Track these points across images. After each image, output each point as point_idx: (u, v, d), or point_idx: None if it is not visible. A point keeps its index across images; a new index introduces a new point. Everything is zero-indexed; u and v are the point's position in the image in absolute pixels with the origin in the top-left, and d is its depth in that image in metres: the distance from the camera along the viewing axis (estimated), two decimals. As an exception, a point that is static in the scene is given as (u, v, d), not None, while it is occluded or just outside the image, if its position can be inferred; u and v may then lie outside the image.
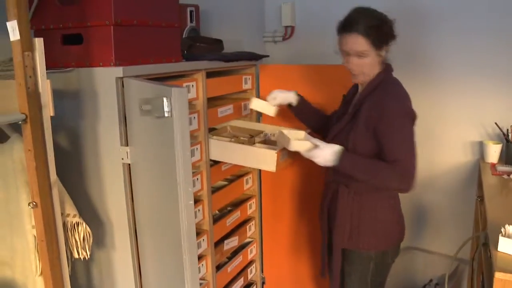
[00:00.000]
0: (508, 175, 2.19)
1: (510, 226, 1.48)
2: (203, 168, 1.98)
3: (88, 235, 1.46)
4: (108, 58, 1.46)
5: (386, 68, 1.85)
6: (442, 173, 2.67)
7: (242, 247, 2.45)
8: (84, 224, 1.44)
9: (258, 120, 2.41)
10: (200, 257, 2.04)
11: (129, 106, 1.46)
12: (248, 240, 2.51)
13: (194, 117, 1.88)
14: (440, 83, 2.57)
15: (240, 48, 2.39)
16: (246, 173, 2.38)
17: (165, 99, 1.26)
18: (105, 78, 1.46)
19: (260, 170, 2.46)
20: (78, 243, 1.44)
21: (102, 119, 1.49)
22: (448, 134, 2.60)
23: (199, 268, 2.02)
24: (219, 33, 2.40)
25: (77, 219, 1.43)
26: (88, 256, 1.47)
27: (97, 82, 1.47)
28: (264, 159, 1.90)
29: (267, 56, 2.31)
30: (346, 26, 1.79)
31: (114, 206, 1.56)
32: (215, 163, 2.09)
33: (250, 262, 2.56)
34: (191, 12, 2.25)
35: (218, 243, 2.19)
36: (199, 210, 1.99)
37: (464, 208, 2.62)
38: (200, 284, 2.07)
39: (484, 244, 1.74)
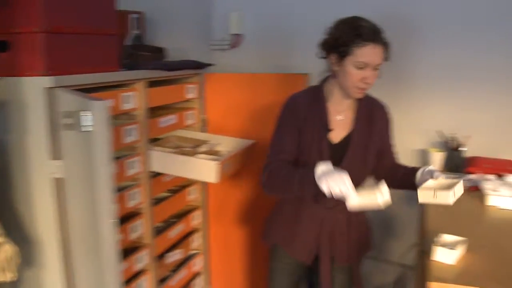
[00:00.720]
0: (449, 185, 2.22)
1: (445, 235, 1.48)
2: (144, 180, 1.92)
3: (15, 255, 1.38)
4: (37, 67, 1.39)
5: None
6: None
7: (187, 260, 2.40)
8: (8, 244, 1.35)
9: (203, 130, 2.36)
10: (141, 272, 1.98)
11: (59, 119, 1.39)
12: (193, 252, 2.46)
13: (134, 128, 1.82)
14: (381, 92, 2.59)
15: (187, 57, 2.34)
16: (190, 184, 2.33)
17: (82, 113, 1.19)
18: (33, 88, 1.38)
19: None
20: (3, 264, 1.36)
21: (31, 131, 1.41)
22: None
23: (140, 283, 1.96)
24: (165, 41, 2.34)
25: (2, 238, 1.35)
26: (16, 277, 1.38)
27: (25, 92, 1.39)
28: (205, 170, 1.85)
29: (212, 64, 2.27)
30: (377, 36, 1.61)
31: (43, 223, 1.47)
32: (157, 174, 2.03)
33: (196, 275, 2.50)
34: (135, 19, 2.18)
35: (162, 256, 2.13)
36: (139, 223, 1.92)
37: (411, 216, 2.64)
38: (141, 300, 2.01)
39: (423, 252, 1.74)
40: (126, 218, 1.86)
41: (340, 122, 1.77)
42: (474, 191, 2.09)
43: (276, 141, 1.75)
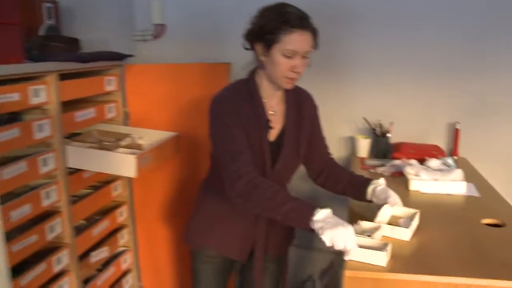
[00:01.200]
0: (374, 169, 2.25)
1: (363, 222, 1.50)
2: (60, 178, 1.83)
3: None
4: None
5: None
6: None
7: (114, 257, 2.33)
8: None
9: (125, 123, 2.29)
10: (63, 273, 1.90)
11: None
12: (121, 249, 2.39)
13: (47, 123, 1.74)
14: (311, 80, 2.59)
15: (108, 48, 2.26)
16: (115, 179, 2.26)
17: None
18: None
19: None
20: None
21: None
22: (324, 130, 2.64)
23: (62, 284, 1.88)
24: (84, 32, 2.25)
25: None
26: None
27: None
28: (123, 164, 1.80)
29: (131, 55, 2.20)
30: (304, 22, 1.56)
31: None
32: (76, 170, 1.96)
33: (126, 272, 2.44)
34: (48, 8, 2.09)
35: (85, 255, 2.06)
36: (57, 222, 1.84)
37: (341, 204, 2.67)
38: (65, 301, 1.94)
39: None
40: (42, 217, 1.78)
41: (274, 117, 1.72)
42: (398, 177, 2.13)
43: (229, 145, 1.58)
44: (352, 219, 1.51)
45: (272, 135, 1.72)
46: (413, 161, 2.04)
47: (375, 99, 2.56)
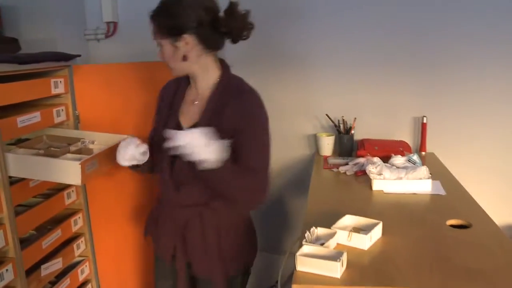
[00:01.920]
0: (338, 168, 2.16)
1: (318, 228, 1.40)
2: (1, 188, 1.71)
3: None
4: None
5: (226, 68, 1.66)
6: (284, 169, 2.62)
7: (71, 268, 2.21)
8: None
9: (77, 127, 2.17)
10: (8, 289, 1.78)
11: None
12: (78, 259, 2.27)
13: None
14: (270, 80, 2.51)
15: (55, 48, 2.13)
16: (68, 186, 2.13)
17: None
18: None
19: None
20: None
21: None
22: (285, 129, 2.55)
23: (7, 301, 1.76)
24: (30, 32, 2.13)
25: None
26: None
27: None
28: (68, 172, 1.68)
29: (79, 55, 2.07)
30: (152, 13, 1.58)
31: None
32: (21, 179, 1.83)
33: (84, 283, 2.32)
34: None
35: (35, 269, 1.93)
36: (-1, 236, 1.72)
37: (304, 206, 2.59)
38: (12, 319, 1.81)
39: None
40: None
41: (194, 108, 1.64)
42: (362, 175, 2.04)
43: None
44: (308, 227, 1.41)
45: (186, 124, 1.64)
46: (376, 159, 1.95)
47: (337, 95, 2.48)
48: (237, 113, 1.55)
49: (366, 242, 1.35)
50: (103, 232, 2.39)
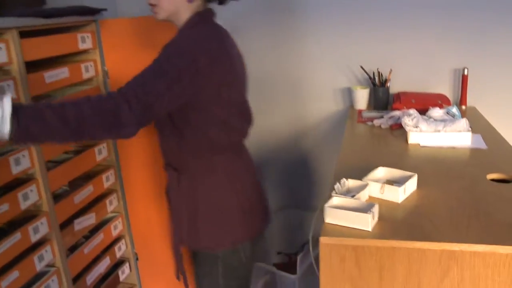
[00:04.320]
0: (372, 121, 2.08)
1: (349, 180, 1.35)
2: (31, 143, 1.71)
3: None
4: None
5: (205, 12, 1.61)
6: (318, 124, 2.55)
7: (103, 224, 2.23)
8: None
9: (105, 83, 2.15)
10: (42, 243, 1.81)
11: None
12: (110, 215, 2.29)
13: (9, 85, 1.60)
14: (303, 31, 2.42)
15: (81, 2, 2.10)
16: (97, 143, 2.14)
17: None
18: None
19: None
20: None
21: None
22: (318, 83, 2.47)
23: (42, 253, 1.79)
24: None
25: None
26: None
27: None
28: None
29: (105, 9, 2.02)
30: None
31: None
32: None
33: (117, 239, 2.34)
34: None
35: (69, 223, 1.96)
36: (31, 190, 1.73)
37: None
38: (48, 271, 1.85)
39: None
40: (14, 186, 1.68)
41: None
42: (398, 129, 1.97)
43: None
44: (338, 179, 1.35)
45: None
46: (412, 111, 1.86)
47: (372, 46, 2.37)
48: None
49: (399, 194, 1.29)
50: (135, 189, 2.40)
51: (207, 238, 1.66)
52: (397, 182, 1.38)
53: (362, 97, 2.31)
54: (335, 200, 1.24)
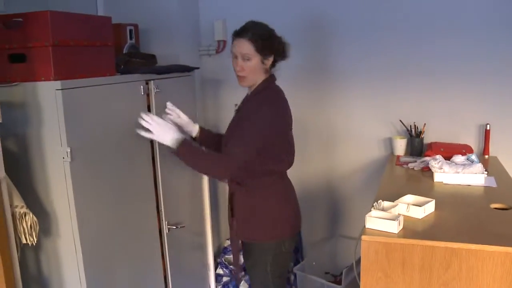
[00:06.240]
0: (407, 164, 2.54)
1: (384, 202, 1.82)
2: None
3: (35, 224, 1.71)
4: (48, 74, 1.72)
5: (271, 77, 2.13)
6: (360, 167, 3.02)
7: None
8: (31, 214, 1.69)
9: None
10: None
11: (67, 113, 1.72)
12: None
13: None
14: (345, 88, 2.98)
15: (177, 61, 2.69)
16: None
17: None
18: (46, 90, 1.72)
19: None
20: (26, 230, 1.69)
21: (45, 124, 1.74)
22: (365, 133, 2.97)
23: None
24: (158, 48, 2.71)
25: (24, 209, 1.68)
26: (35, 242, 1.71)
27: (39, 94, 1.73)
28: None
29: (197, 68, 2.61)
30: (238, 32, 2.05)
31: (57, 199, 1.80)
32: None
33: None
34: (130, 30, 2.55)
35: None
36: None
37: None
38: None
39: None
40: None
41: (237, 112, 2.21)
42: (427, 171, 2.41)
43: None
44: (377, 200, 1.83)
45: None
46: (438, 156, 2.31)
47: (410, 103, 2.86)
48: (247, 111, 2.08)
49: (420, 212, 1.75)
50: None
51: (262, 232, 2.17)
52: (420, 205, 1.84)
53: (400, 146, 2.79)
54: (374, 213, 1.72)
